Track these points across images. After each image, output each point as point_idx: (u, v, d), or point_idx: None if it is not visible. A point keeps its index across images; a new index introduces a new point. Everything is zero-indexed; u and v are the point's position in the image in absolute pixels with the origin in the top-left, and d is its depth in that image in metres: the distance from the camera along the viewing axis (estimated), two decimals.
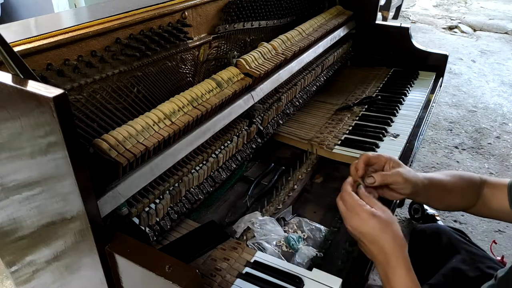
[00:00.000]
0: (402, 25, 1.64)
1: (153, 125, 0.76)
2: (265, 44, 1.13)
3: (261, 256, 0.80)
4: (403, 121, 1.32)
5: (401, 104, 1.42)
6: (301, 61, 1.26)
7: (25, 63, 0.58)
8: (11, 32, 0.73)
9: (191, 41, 1.02)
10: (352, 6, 1.63)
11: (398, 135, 1.23)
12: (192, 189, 0.91)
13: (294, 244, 0.87)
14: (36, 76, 0.58)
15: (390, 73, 1.67)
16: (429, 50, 1.64)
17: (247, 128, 1.07)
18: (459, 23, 4.98)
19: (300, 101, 1.34)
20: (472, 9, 5.62)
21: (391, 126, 1.29)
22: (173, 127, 0.78)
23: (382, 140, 1.20)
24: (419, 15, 5.39)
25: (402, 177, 0.80)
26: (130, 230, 0.75)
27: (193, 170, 0.90)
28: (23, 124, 0.55)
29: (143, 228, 0.80)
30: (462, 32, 4.75)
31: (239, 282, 0.74)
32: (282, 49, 1.16)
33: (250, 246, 0.85)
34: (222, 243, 0.83)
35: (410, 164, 1.16)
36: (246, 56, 1.03)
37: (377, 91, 1.52)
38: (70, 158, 0.53)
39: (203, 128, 0.88)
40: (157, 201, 0.82)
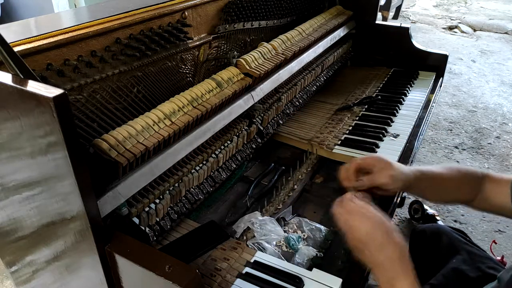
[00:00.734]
0: (402, 25, 1.64)
1: (153, 125, 0.76)
2: (265, 44, 1.13)
3: (261, 256, 0.80)
4: (403, 121, 1.32)
5: (401, 104, 1.42)
6: (301, 61, 1.26)
7: (25, 63, 0.58)
8: (11, 32, 0.73)
9: (191, 41, 1.02)
10: (352, 6, 1.63)
11: (398, 135, 1.23)
12: (192, 189, 0.91)
13: (294, 244, 0.87)
14: (36, 76, 0.58)
15: (390, 73, 1.66)
16: (429, 50, 1.64)
17: (247, 128, 1.07)
18: (459, 23, 4.98)
19: (300, 101, 1.34)
20: (472, 9, 5.62)
21: (391, 126, 1.29)
22: (173, 127, 0.78)
23: (382, 140, 1.20)
24: (419, 15, 5.39)
25: (390, 177, 0.81)
26: (130, 230, 0.75)
27: (193, 170, 0.90)
28: (23, 124, 0.55)
29: (143, 228, 0.80)
30: (462, 32, 4.75)
31: (239, 282, 0.74)
32: (282, 49, 1.16)
33: (250, 246, 0.85)
34: (222, 243, 0.83)
35: (410, 164, 1.16)
36: (246, 56, 1.03)
37: (377, 91, 1.52)
38: (70, 158, 0.53)
39: (203, 128, 0.88)
40: (157, 201, 0.82)
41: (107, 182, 0.69)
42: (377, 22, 1.68)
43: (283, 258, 0.84)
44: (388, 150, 1.15)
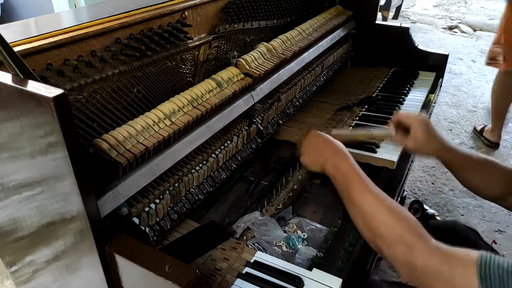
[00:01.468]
0: (402, 25, 1.64)
1: (153, 125, 0.76)
2: (265, 44, 1.13)
3: (261, 256, 0.80)
4: None
5: (401, 104, 1.42)
6: (301, 61, 1.26)
7: (25, 63, 0.58)
8: (11, 32, 0.73)
9: (191, 41, 1.02)
10: (352, 6, 1.63)
11: None
12: (192, 189, 0.91)
13: (294, 244, 0.87)
14: (36, 76, 0.58)
15: (390, 73, 1.66)
16: (429, 50, 1.64)
17: (247, 128, 1.07)
18: (459, 23, 4.98)
19: (300, 101, 1.34)
20: (472, 9, 5.62)
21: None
22: (173, 127, 0.78)
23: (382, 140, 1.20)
24: (419, 15, 5.39)
25: (419, 121, 0.93)
26: (130, 230, 0.75)
27: (193, 170, 0.90)
28: (23, 124, 0.55)
29: (143, 228, 0.80)
30: (462, 32, 4.75)
31: (239, 282, 0.74)
32: (282, 49, 1.16)
33: (250, 246, 0.85)
34: (222, 243, 0.83)
35: (410, 164, 1.16)
36: (246, 56, 1.03)
37: (377, 91, 1.52)
38: (70, 158, 0.53)
39: (203, 128, 0.88)
40: (157, 201, 0.82)
41: (107, 182, 0.69)
42: (377, 22, 1.68)
43: (283, 258, 0.84)
44: (389, 150, 1.15)
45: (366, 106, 1.41)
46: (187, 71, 1.04)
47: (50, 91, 0.49)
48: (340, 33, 1.53)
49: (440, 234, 1.16)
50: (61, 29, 0.75)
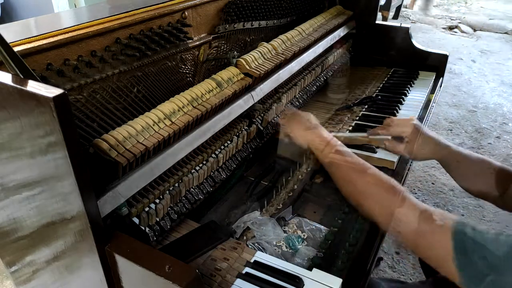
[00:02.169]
0: (402, 25, 1.64)
1: (153, 125, 0.76)
2: (265, 44, 1.13)
3: (261, 256, 0.80)
4: None
5: (401, 104, 1.42)
6: (301, 61, 1.26)
7: (25, 63, 0.58)
8: (11, 32, 0.73)
9: (191, 41, 1.02)
10: (352, 6, 1.63)
11: None
12: (192, 189, 0.91)
13: (293, 244, 0.87)
14: (36, 76, 0.58)
15: (390, 73, 1.66)
16: (429, 50, 1.64)
17: (247, 128, 1.07)
18: (459, 23, 4.98)
19: (300, 101, 1.34)
20: (472, 9, 5.62)
21: None
22: (173, 127, 0.78)
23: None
24: (419, 15, 5.39)
25: (411, 128, 0.96)
26: (130, 230, 0.75)
27: (193, 170, 0.90)
28: (23, 124, 0.55)
29: (143, 228, 0.80)
30: (462, 32, 4.75)
31: (239, 282, 0.74)
32: (282, 49, 1.16)
33: (250, 246, 0.85)
34: (222, 243, 0.83)
35: (410, 164, 1.16)
36: (246, 56, 1.03)
37: (377, 91, 1.52)
38: (70, 158, 0.53)
39: (203, 128, 0.87)
40: (157, 201, 0.82)
41: (107, 182, 0.69)
42: (377, 22, 1.68)
43: (283, 258, 0.84)
44: (388, 151, 1.15)
45: (366, 106, 1.41)
46: (187, 71, 1.04)
47: (50, 91, 0.49)
48: (340, 33, 1.52)
49: None
50: (61, 29, 0.75)
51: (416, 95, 1.48)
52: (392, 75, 1.65)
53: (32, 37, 0.70)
